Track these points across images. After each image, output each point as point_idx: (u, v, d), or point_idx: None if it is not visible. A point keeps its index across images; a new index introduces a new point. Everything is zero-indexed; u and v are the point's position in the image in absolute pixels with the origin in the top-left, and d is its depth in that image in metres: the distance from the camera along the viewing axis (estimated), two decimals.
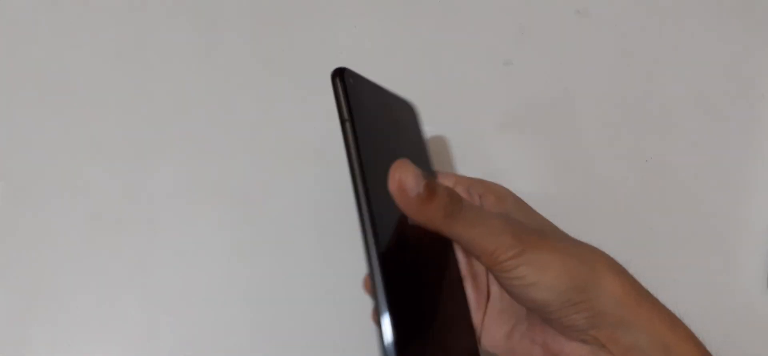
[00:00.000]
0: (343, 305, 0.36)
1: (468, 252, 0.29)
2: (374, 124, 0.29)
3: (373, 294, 0.27)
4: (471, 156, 0.39)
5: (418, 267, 0.29)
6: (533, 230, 0.28)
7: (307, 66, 0.41)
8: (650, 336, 0.28)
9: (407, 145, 0.32)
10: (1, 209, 0.39)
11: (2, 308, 0.38)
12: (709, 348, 0.38)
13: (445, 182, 0.33)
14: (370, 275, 0.27)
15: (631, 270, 0.39)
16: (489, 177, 0.39)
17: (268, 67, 0.41)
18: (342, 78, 0.28)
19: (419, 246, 0.30)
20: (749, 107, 0.40)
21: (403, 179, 0.25)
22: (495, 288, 0.32)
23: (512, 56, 0.41)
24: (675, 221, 0.39)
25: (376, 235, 0.27)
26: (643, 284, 0.39)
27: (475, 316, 0.31)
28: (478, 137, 0.40)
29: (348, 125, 0.28)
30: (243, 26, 0.41)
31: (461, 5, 0.42)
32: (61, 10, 0.41)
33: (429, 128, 0.37)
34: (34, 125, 0.40)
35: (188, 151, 0.40)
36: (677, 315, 0.34)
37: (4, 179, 0.39)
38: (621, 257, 0.39)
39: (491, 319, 0.32)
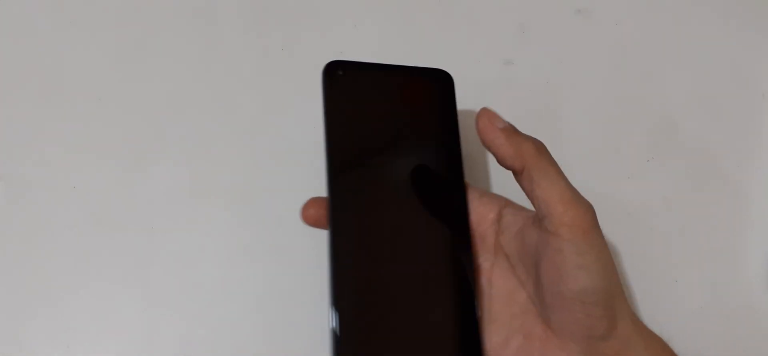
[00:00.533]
0: None
1: (538, 195, 0.28)
2: (362, 115, 0.31)
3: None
4: (472, 156, 0.39)
5: (381, 265, 0.30)
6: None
7: (307, 65, 0.41)
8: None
9: (417, 124, 0.32)
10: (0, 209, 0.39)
11: (1, 308, 0.38)
12: (710, 347, 0.38)
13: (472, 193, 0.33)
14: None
15: (633, 271, 0.39)
16: (489, 176, 0.39)
17: (268, 67, 0.41)
18: (326, 75, 0.31)
19: (382, 244, 0.30)
20: (750, 106, 0.40)
21: (489, 117, 0.29)
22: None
23: (513, 56, 0.41)
24: (676, 221, 0.39)
25: (334, 225, 0.30)
26: (646, 284, 0.39)
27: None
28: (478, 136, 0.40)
29: (323, 121, 0.31)
30: (243, 26, 0.41)
31: (461, 4, 0.42)
32: (61, 10, 0.41)
33: None
34: (33, 125, 0.40)
35: (188, 150, 0.40)
36: (678, 315, 0.34)
37: (4, 178, 0.39)
38: (623, 258, 0.39)
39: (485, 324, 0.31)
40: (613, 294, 0.28)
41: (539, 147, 0.29)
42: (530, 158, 0.28)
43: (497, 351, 0.30)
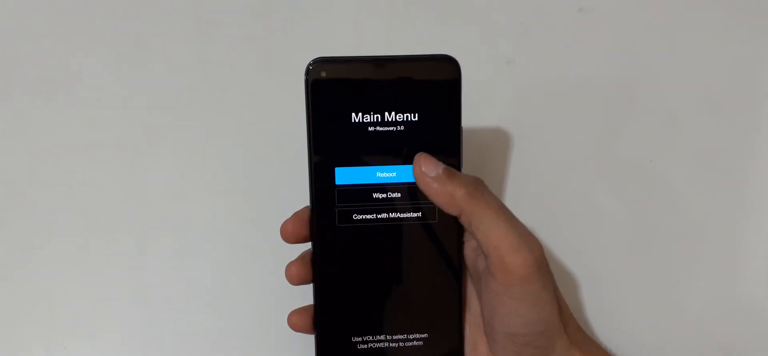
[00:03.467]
0: None
1: (479, 239, 0.28)
2: (349, 114, 0.29)
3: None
4: (472, 156, 0.39)
5: (358, 274, 0.31)
6: (542, 261, 0.28)
7: (305, 64, 0.41)
8: None
9: (414, 122, 0.30)
10: None
11: None
12: (712, 347, 0.38)
13: None
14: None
15: (635, 272, 0.39)
16: (489, 176, 0.39)
17: (266, 66, 0.41)
18: (307, 75, 0.29)
19: (359, 254, 0.31)
20: (752, 106, 0.40)
21: (423, 166, 0.28)
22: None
23: (514, 55, 0.41)
24: (678, 222, 0.39)
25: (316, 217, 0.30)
26: (648, 286, 0.39)
27: None
28: (479, 136, 0.39)
29: (306, 128, 0.29)
30: (240, 24, 0.41)
31: (463, 3, 0.41)
32: (59, 9, 0.41)
33: None
34: (31, 124, 0.40)
35: (186, 150, 0.40)
36: (679, 316, 0.34)
37: (1, 178, 0.39)
38: (624, 259, 0.39)
39: None
40: (548, 333, 0.28)
41: (472, 191, 0.28)
42: (464, 203, 0.28)
43: None
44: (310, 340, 0.33)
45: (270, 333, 0.38)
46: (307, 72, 0.29)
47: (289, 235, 0.30)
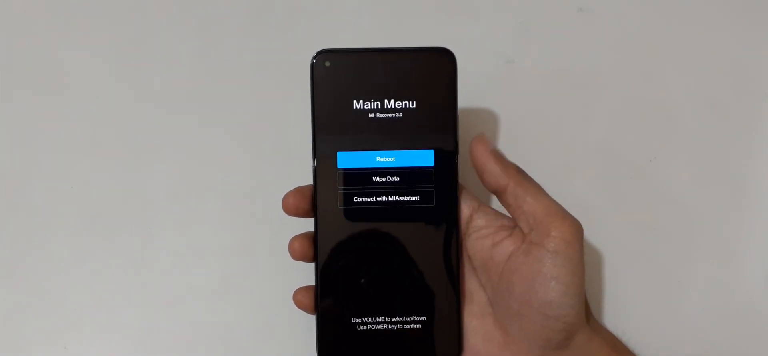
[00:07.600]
0: None
1: (526, 209, 0.30)
2: (351, 102, 0.31)
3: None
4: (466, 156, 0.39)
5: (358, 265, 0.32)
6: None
7: (304, 63, 0.41)
8: None
9: (412, 111, 0.31)
10: None
11: None
12: (712, 348, 0.38)
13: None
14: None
15: (635, 272, 0.39)
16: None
17: (265, 66, 0.41)
18: (313, 67, 0.31)
19: (368, 235, 0.32)
20: (752, 106, 0.40)
21: (481, 142, 0.31)
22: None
23: (514, 55, 0.41)
24: (678, 222, 0.39)
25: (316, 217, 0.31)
26: (649, 286, 0.39)
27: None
28: None
29: (311, 113, 0.31)
30: (240, 25, 0.41)
31: (462, 3, 0.41)
32: (59, 9, 0.41)
33: None
34: (31, 124, 0.40)
35: (186, 150, 0.40)
36: (680, 316, 0.34)
37: (1, 178, 0.39)
38: (624, 259, 0.39)
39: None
40: (576, 312, 0.29)
41: (520, 169, 0.31)
42: (515, 176, 0.31)
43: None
44: (309, 339, 0.33)
45: (271, 334, 0.38)
46: (312, 62, 0.31)
47: (290, 207, 0.31)
